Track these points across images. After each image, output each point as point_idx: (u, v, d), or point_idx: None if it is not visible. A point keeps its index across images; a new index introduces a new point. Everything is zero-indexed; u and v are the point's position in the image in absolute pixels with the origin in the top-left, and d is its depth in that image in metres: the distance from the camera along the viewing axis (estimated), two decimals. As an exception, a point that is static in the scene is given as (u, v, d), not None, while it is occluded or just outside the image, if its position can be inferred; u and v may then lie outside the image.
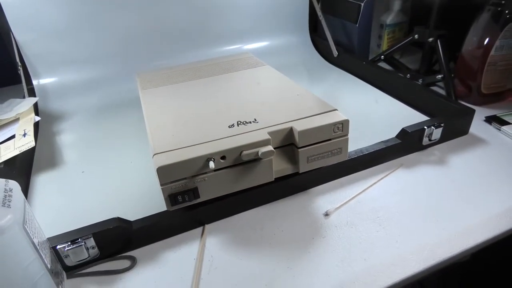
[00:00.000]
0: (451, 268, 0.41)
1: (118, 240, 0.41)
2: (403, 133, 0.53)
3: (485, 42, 0.63)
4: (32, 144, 0.55)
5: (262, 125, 0.43)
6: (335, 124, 0.43)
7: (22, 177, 0.54)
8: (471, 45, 0.66)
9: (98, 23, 0.78)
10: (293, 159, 0.44)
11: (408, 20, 0.90)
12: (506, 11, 0.60)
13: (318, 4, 0.87)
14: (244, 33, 0.90)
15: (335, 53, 0.87)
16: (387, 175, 0.51)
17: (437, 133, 0.54)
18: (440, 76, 0.72)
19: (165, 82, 0.60)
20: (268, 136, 0.41)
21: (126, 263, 0.40)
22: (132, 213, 0.43)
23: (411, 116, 0.64)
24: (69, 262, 0.39)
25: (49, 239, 0.37)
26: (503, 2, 0.60)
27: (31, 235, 0.31)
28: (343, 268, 0.38)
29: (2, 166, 0.52)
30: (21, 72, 0.73)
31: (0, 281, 0.29)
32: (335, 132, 0.43)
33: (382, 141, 0.53)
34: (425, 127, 0.53)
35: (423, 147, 0.55)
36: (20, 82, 0.73)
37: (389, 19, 0.87)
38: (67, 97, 0.77)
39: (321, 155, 0.44)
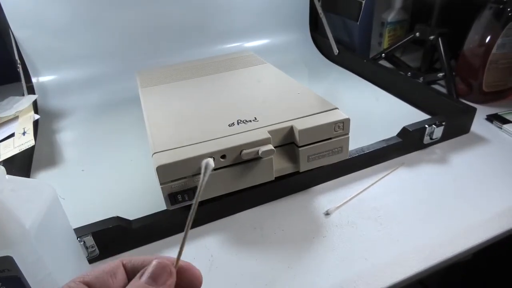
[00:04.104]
0: (453, 267, 0.41)
1: (118, 239, 0.40)
2: (404, 132, 0.53)
3: (487, 40, 0.62)
4: (32, 143, 0.55)
5: (263, 124, 0.43)
6: (335, 122, 0.43)
7: (21, 176, 0.54)
8: (472, 43, 0.65)
9: (98, 20, 0.77)
10: (293, 158, 0.44)
11: (409, 18, 0.89)
12: (508, 9, 0.60)
13: (318, 1, 0.86)
14: (244, 31, 0.90)
15: (335, 51, 0.86)
16: (388, 174, 0.51)
17: (438, 131, 0.54)
18: (441, 74, 0.72)
19: (165, 80, 0.60)
20: (268, 135, 0.41)
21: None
22: (132, 212, 0.42)
23: (412, 115, 0.64)
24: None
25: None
26: (505, 0, 0.60)
27: None
28: (344, 267, 0.38)
29: (1, 164, 0.51)
30: (20, 69, 0.72)
31: None
32: (335, 131, 0.43)
33: (383, 140, 0.52)
34: (426, 126, 0.53)
35: (424, 146, 0.55)
36: (19, 80, 0.72)
37: (390, 17, 0.87)
38: (66, 95, 0.76)
39: (322, 154, 0.44)
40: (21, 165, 0.56)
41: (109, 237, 0.40)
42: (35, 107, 0.72)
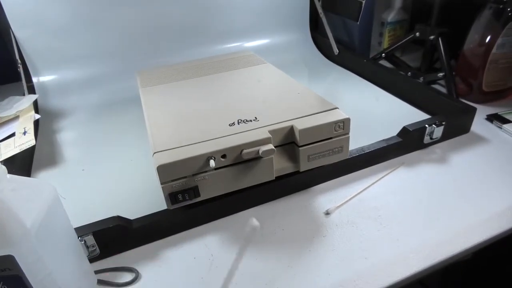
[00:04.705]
0: (453, 266, 0.41)
1: (118, 238, 0.41)
2: (404, 132, 0.53)
3: (487, 40, 0.63)
4: (33, 142, 0.55)
5: (263, 124, 0.43)
6: (336, 122, 0.43)
7: (22, 175, 0.54)
8: (472, 43, 0.65)
9: (98, 20, 0.77)
10: (293, 157, 0.44)
11: (409, 17, 0.89)
12: (508, 9, 0.60)
13: (318, 1, 0.86)
14: (244, 31, 0.90)
15: (335, 50, 0.86)
16: (388, 174, 0.51)
17: (438, 131, 0.54)
18: (441, 74, 0.72)
19: (165, 80, 0.60)
20: (268, 135, 0.41)
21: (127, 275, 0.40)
22: (132, 212, 0.42)
23: (412, 115, 0.64)
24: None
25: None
26: (505, 0, 0.60)
27: None
28: (343, 267, 0.38)
29: (2, 164, 0.51)
30: (20, 69, 0.72)
31: None
32: (336, 131, 0.43)
33: (383, 140, 0.53)
34: (426, 126, 0.53)
35: (424, 146, 0.55)
36: (20, 79, 0.72)
37: (390, 16, 0.87)
38: (67, 94, 0.76)
39: (322, 154, 0.44)
40: (22, 164, 0.56)
41: (110, 237, 0.40)
42: (36, 106, 0.72)
